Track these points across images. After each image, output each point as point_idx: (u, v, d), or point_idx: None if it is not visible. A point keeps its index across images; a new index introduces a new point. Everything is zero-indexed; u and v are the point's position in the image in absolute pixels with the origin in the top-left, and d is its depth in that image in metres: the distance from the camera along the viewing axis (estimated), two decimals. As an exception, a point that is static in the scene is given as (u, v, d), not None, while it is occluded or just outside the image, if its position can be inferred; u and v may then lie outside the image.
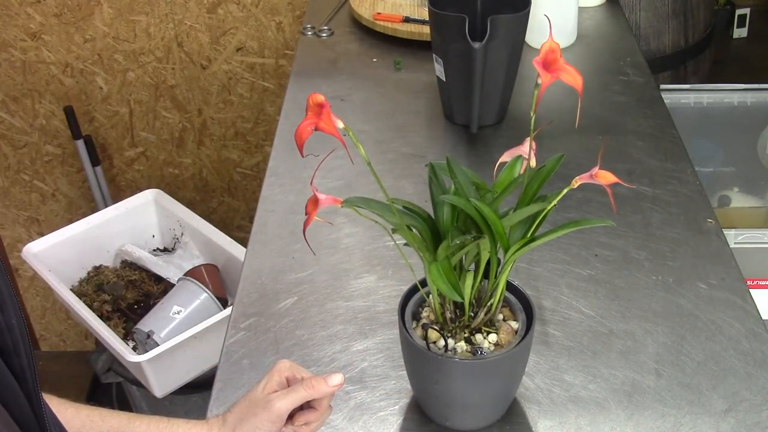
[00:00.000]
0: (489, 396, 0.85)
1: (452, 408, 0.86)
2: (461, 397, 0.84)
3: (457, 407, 0.86)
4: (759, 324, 1.00)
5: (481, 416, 0.88)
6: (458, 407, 0.86)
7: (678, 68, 2.16)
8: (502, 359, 0.80)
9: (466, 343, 0.82)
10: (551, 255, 1.11)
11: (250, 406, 0.80)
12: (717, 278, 1.07)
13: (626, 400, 0.91)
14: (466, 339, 0.82)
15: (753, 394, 0.91)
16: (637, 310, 1.03)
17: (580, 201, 1.20)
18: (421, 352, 0.80)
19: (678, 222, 1.17)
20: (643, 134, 1.36)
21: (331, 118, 0.69)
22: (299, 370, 0.82)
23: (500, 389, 0.86)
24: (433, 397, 0.87)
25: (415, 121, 1.43)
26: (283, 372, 0.81)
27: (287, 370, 0.81)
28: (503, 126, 1.40)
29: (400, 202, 0.79)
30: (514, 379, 0.87)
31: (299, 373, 0.81)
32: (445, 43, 1.32)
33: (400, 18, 1.66)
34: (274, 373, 0.81)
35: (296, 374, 0.81)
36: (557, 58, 0.67)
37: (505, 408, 0.89)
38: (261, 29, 2.10)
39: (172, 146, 2.27)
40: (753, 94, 1.71)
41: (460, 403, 0.85)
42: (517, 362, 0.84)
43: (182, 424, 0.84)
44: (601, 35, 1.70)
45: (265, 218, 1.21)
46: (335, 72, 1.58)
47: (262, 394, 0.80)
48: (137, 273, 1.98)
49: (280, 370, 0.81)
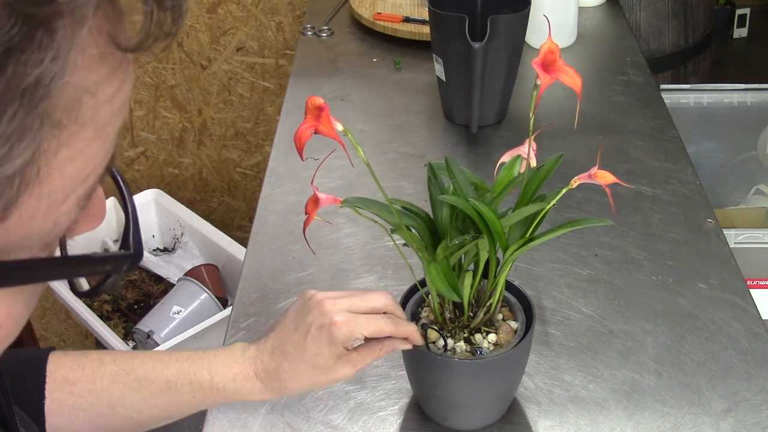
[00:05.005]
0: (488, 396, 0.85)
1: (451, 408, 0.86)
2: (460, 397, 0.84)
3: (456, 407, 0.86)
4: (759, 324, 1.00)
5: (480, 416, 0.88)
6: (457, 407, 0.86)
7: (678, 68, 2.16)
8: (501, 359, 0.80)
9: (465, 343, 0.82)
10: (551, 255, 1.11)
11: (306, 363, 0.74)
12: (717, 278, 1.07)
13: (626, 400, 0.91)
14: (466, 339, 0.82)
15: (753, 394, 0.91)
16: (637, 310, 1.03)
17: (580, 201, 1.20)
18: (420, 352, 0.80)
19: (678, 222, 1.17)
20: (643, 134, 1.36)
21: (331, 122, 0.69)
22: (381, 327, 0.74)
23: (500, 389, 0.86)
24: (433, 397, 0.87)
25: (415, 121, 1.43)
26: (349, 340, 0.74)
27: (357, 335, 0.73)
28: (503, 126, 1.40)
29: (399, 203, 0.79)
30: (513, 379, 0.87)
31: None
32: (445, 43, 1.32)
33: (400, 18, 1.66)
34: (341, 338, 0.73)
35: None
36: (556, 59, 0.66)
37: (505, 408, 0.89)
38: (261, 29, 2.10)
39: (172, 146, 2.27)
40: (753, 94, 1.71)
41: (459, 402, 0.85)
42: (516, 362, 0.84)
43: (215, 360, 0.77)
44: (601, 35, 1.70)
45: (265, 218, 1.21)
46: (335, 72, 1.58)
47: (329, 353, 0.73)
48: (137, 273, 1.98)
49: (354, 332, 0.73)
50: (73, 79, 0.32)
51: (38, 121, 0.31)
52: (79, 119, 0.33)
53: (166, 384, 0.76)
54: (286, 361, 0.74)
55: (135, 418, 0.76)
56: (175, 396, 0.75)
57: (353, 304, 0.74)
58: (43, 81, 0.31)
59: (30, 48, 0.30)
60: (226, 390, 0.75)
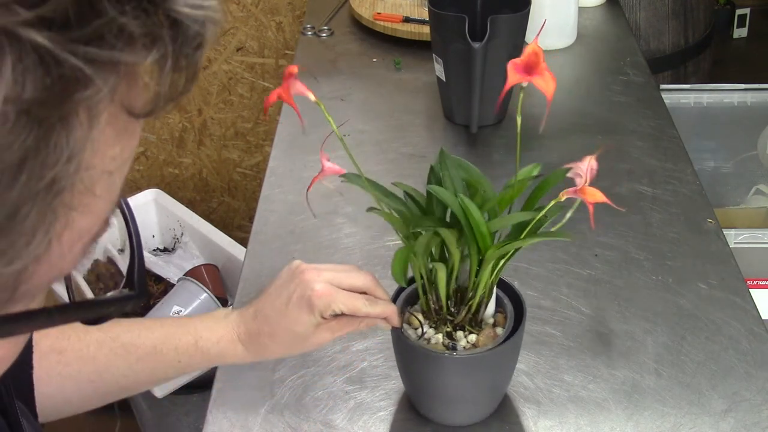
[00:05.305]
0: (460, 392, 0.85)
1: (426, 397, 0.87)
2: (431, 388, 0.85)
3: (429, 397, 0.87)
4: (759, 324, 1.00)
5: (459, 412, 0.88)
6: (431, 397, 0.87)
7: (678, 68, 2.16)
8: (466, 359, 0.80)
9: (445, 337, 0.82)
10: (551, 255, 1.11)
11: (286, 329, 0.76)
12: (717, 278, 1.07)
13: (626, 400, 0.91)
14: (448, 333, 0.83)
15: (753, 394, 0.91)
16: (637, 310, 1.03)
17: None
18: (397, 334, 0.81)
19: (678, 222, 1.17)
20: (643, 134, 1.36)
21: (290, 89, 0.70)
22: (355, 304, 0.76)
23: (466, 390, 0.85)
24: (408, 382, 0.89)
25: (415, 121, 1.43)
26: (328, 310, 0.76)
27: (334, 309, 0.75)
28: (503, 126, 1.40)
29: (404, 187, 0.80)
30: (481, 383, 0.86)
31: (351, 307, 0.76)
32: (445, 43, 1.32)
33: (400, 18, 1.66)
34: (319, 306, 0.75)
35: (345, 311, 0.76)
36: (539, 62, 0.66)
37: (489, 407, 0.89)
38: (261, 29, 2.10)
39: (172, 146, 2.27)
40: (753, 94, 1.71)
41: (430, 392, 0.86)
42: (488, 367, 0.83)
43: (199, 325, 0.80)
44: (601, 35, 1.70)
45: (265, 218, 1.21)
46: (335, 72, 1.58)
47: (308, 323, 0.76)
48: (137, 273, 1.98)
49: (331, 305, 0.75)
50: (89, 167, 0.31)
51: (53, 214, 0.31)
52: (94, 193, 0.32)
53: (152, 349, 0.78)
54: (267, 325, 0.77)
55: (122, 382, 0.79)
56: (161, 360, 0.78)
57: (335, 278, 0.76)
58: (59, 180, 0.30)
59: (45, 151, 0.29)
60: (210, 353, 0.78)
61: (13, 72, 0.27)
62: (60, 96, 0.28)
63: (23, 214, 0.29)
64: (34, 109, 0.28)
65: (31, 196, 0.29)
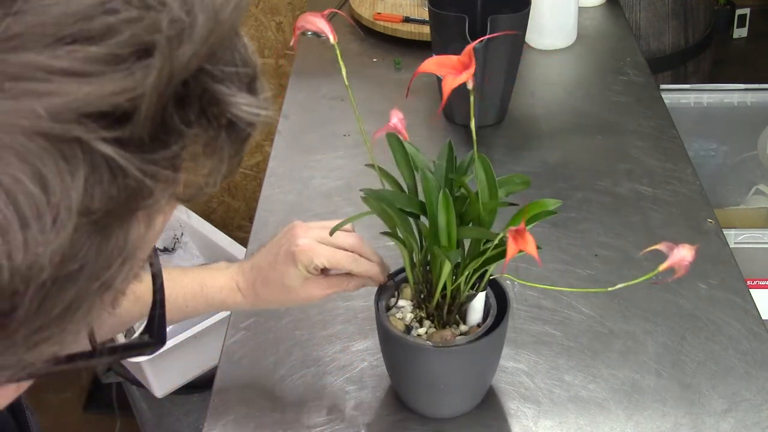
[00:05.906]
0: (437, 383, 0.85)
1: (409, 388, 0.89)
2: (414, 378, 0.85)
3: (413, 387, 0.88)
4: (759, 324, 1.00)
5: (440, 404, 0.89)
6: (414, 388, 0.88)
7: (678, 68, 2.17)
8: (429, 350, 0.80)
9: (425, 327, 0.83)
10: (551, 255, 1.11)
11: (275, 280, 0.82)
12: (717, 278, 1.07)
13: (626, 400, 0.91)
14: (431, 322, 0.83)
15: (753, 394, 0.91)
16: (637, 310, 1.03)
17: (580, 201, 1.20)
18: (378, 312, 0.83)
19: (678, 222, 1.17)
20: (643, 134, 1.36)
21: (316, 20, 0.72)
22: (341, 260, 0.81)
23: (447, 381, 0.85)
24: (392, 374, 0.91)
25: (415, 121, 1.43)
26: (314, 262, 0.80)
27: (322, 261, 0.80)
28: (503, 126, 1.40)
29: (383, 174, 0.84)
30: (460, 375, 0.85)
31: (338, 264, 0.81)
32: (445, 43, 1.32)
33: (400, 18, 1.66)
34: (305, 257, 0.80)
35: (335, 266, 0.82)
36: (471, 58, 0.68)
37: (469, 402, 0.89)
38: (261, 29, 2.10)
39: (172, 146, 2.27)
40: (753, 94, 1.71)
41: (413, 382, 0.87)
42: (469, 359, 0.83)
43: (204, 273, 0.86)
44: (601, 35, 1.70)
45: (265, 218, 1.21)
46: (335, 72, 1.57)
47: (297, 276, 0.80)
48: (137, 273, 1.98)
49: (314, 260, 0.80)
50: (139, 259, 0.32)
51: (99, 303, 0.31)
52: (134, 276, 0.33)
53: None
54: (261, 276, 0.83)
55: (129, 325, 0.85)
56: (169, 306, 0.82)
57: (323, 235, 0.81)
58: (112, 279, 0.30)
59: (105, 255, 0.29)
60: (214, 299, 0.85)
61: (85, 183, 0.27)
62: (124, 205, 0.29)
63: (74, 309, 0.30)
64: (99, 217, 0.28)
65: (86, 294, 0.30)
